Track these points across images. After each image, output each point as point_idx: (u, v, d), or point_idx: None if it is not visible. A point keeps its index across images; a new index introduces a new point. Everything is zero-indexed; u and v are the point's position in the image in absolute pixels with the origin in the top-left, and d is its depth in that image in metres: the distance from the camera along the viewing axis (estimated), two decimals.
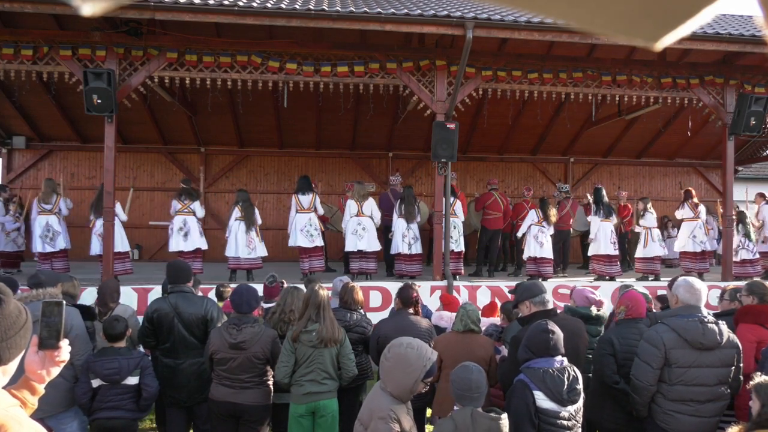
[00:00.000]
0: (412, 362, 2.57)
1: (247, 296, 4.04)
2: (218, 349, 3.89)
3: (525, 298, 3.69)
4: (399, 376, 2.58)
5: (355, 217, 8.69)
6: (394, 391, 2.59)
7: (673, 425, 3.37)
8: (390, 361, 2.63)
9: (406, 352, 2.61)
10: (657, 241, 9.41)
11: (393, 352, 2.64)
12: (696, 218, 9.49)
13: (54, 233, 8.56)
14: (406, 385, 2.57)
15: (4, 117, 11.68)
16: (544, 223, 9.28)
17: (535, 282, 3.82)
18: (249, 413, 3.92)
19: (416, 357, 2.59)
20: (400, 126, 11.92)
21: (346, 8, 7.34)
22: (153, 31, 7.83)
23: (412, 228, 8.76)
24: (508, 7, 0.68)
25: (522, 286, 3.86)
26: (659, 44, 0.58)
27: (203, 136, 12.58)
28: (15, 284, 4.38)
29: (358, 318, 4.59)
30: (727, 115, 8.99)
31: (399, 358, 2.60)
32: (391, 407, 2.55)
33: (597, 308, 4.37)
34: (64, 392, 3.88)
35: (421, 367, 2.57)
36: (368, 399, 2.72)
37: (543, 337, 3.01)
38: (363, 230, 8.62)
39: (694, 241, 9.41)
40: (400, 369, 2.58)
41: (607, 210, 9.36)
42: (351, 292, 4.65)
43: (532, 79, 8.59)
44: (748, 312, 4.08)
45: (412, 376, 2.56)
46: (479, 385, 2.74)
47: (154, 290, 7.03)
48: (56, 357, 1.60)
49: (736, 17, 10.34)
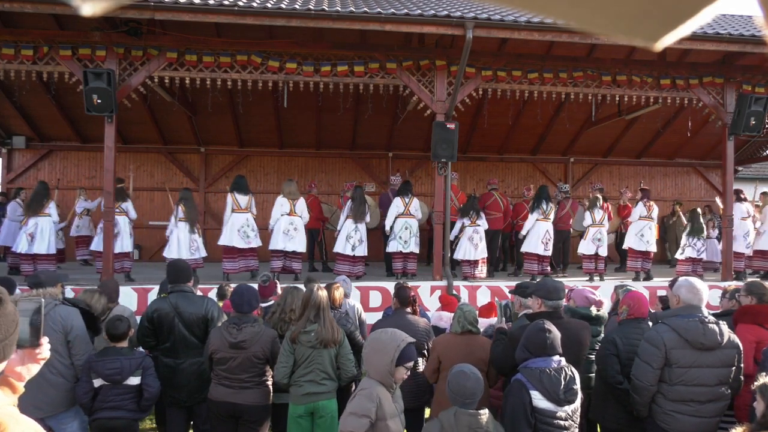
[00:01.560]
0: (385, 343, 2.80)
1: (248, 296, 4.04)
2: (218, 348, 3.89)
3: (541, 296, 3.69)
4: (376, 359, 2.79)
5: (286, 216, 8.49)
6: (375, 375, 2.79)
7: (673, 425, 3.36)
8: (367, 348, 2.90)
9: (379, 335, 2.90)
10: (590, 240, 9.38)
11: (370, 339, 2.97)
12: (649, 218, 9.51)
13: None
14: (383, 367, 2.76)
15: (4, 117, 11.67)
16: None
17: (558, 287, 3.69)
18: (248, 413, 3.91)
19: (389, 338, 2.82)
20: (400, 126, 11.92)
21: (346, 8, 7.34)
22: (153, 31, 7.83)
23: (359, 229, 8.67)
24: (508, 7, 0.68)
25: (544, 284, 3.78)
26: (659, 44, 0.58)
27: (203, 136, 12.58)
28: (13, 284, 4.38)
29: (337, 316, 4.57)
30: (727, 115, 8.99)
31: (374, 342, 2.87)
32: (375, 387, 2.75)
33: (597, 308, 4.37)
34: (65, 392, 3.88)
35: (395, 347, 2.76)
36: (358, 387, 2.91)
37: (540, 336, 3.02)
38: (294, 230, 8.46)
39: (641, 240, 9.42)
40: (375, 351, 2.80)
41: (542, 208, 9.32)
42: (328, 289, 4.65)
43: (532, 79, 8.59)
44: (747, 312, 4.08)
45: (387, 356, 2.75)
46: (474, 392, 2.77)
47: (154, 290, 7.03)
48: (37, 355, 1.60)
49: (736, 17, 10.33)
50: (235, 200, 8.48)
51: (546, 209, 9.31)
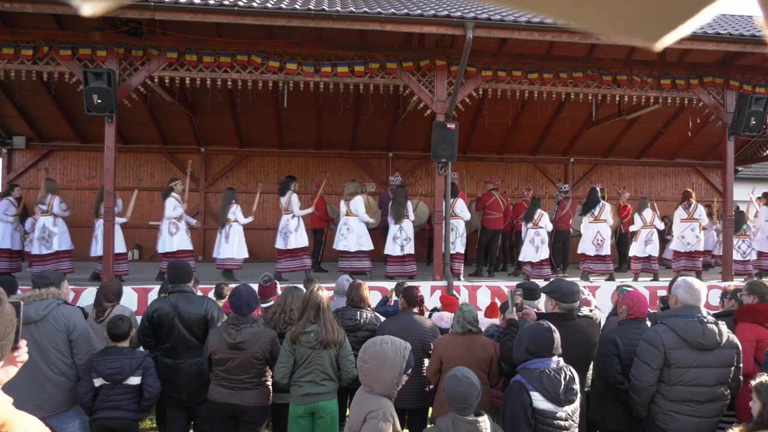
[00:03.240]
0: (390, 357, 2.63)
1: (247, 297, 4.03)
2: (217, 349, 3.88)
3: (556, 297, 3.68)
4: (382, 374, 2.61)
5: (343, 217, 8.78)
6: (382, 390, 2.62)
7: (672, 425, 3.36)
8: (369, 362, 2.65)
9: (382, 348, 2.65)
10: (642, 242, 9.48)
11: (369, 353, 2.67)
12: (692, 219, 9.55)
13: (49, 234, 8.46)
14: (391, 380, 2.61)
15: (4, 117, 11.68)
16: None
17: (573, 290, 3.68)
18: (248, 414, 3.91)
19: (393, 351, 2.64)
20: (400, 126, 11.93)
21: (346, 8, 7.34)
22: (153, 31, 7.83)
23: (404, 228, 8.75)
24: (508, 7, 0.69)
25: (557, 285, 3.75)
26: (659, 44, 0.58)
27: (203, 136, 12.59)
28: (14, 284, 4.39)
29: (368, 316, 4.60)
30: (727, 115, 8.99)
31: (377, 357, 2.64)
32: (386, 406, 2.58)
33: (588, 308, 4.36)
34: (66, 391, 3.88)
35: (401, 359, 2.63)
36: (356, 403, 2.70)
37: (547, 336, 3.01)
38: (348, 230, 8.68)
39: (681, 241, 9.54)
40: (381, 366, 2.62)
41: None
42: (357, 289, 4.65)
43: (532, 79, 8.59)
44: (748, 311, 4.08)
45: (395, 370, 2.61)
46: (466, 398, 2.70)
47: (154, 290, 7.03)
48: (16, 357, 1.60)
49: (736, 17, 10.33)
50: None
51: (596, 212, 9.40)
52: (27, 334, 3.59)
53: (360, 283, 4.76)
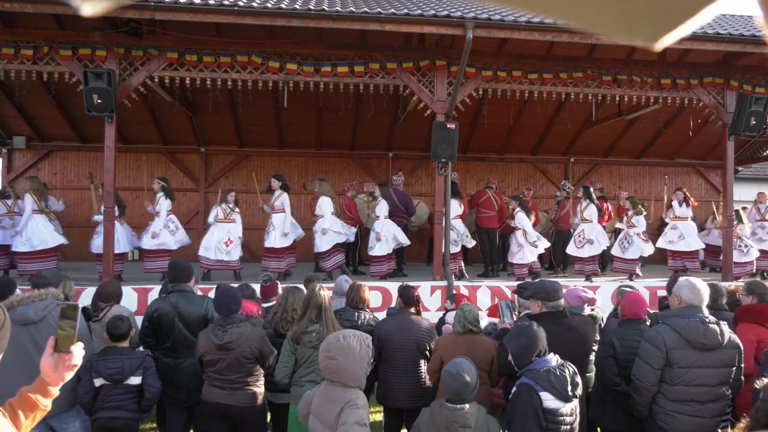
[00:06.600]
0: (356, 349, 2.66)
1: (227, 299, 3.99)
2: (206, 351, 3.88)
3: (540, 298, 3.69)
4: (351, 367, 2.63)
5: None
6: (353, 383, 2.65)
7: (673, 426, 3.36)
8: (336, 359, 2.64)
9: (348, 342, 2.66)
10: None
11: (334, 349, 2.66)
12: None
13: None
14: (360, 372, 2.66)
15: (4, 117, 11.67)
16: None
17: (555, 287, 3.69)
18: (241, 415, 3.90)
19: (358, 342, 2.68)
20: (400, 126, 11.92)
21: (346, 8, 7.34)
22: (153, 31, 7.83)
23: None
24: (508, 7, 0.69)
25: (540, 286, 3.76)
26: (659, 44, 0.58)
27: (203, 136, 12.58)
28: (13, 285, 4.38)
29: (366, 317, 4.59)
30: (727, 115, 8.99)
31: (344, 351, 2.64)
32: (361, 396, 2.65)
33: (591, 307, 4.37)
34: (66, 391, 3.86)
35: (366, 348, 2.69)
36: (326, 400, 2.67)
37: (538, 334, 3.09)
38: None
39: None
40: (350, 361, 2.63)
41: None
42: (357, 291, 4.66)
43: (532, 79, 8.59)
44: (748, 311, 4.08)
45: (363, 360, 2.67)
46: (458, 392, 2.87)
47: (154, 290, 7.03)
48: (68, 361, 1.60)
49: (736, 17, 10.33)
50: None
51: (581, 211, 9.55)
52: (26, 334, 3.59)
53: (360, 284, 4.76)
